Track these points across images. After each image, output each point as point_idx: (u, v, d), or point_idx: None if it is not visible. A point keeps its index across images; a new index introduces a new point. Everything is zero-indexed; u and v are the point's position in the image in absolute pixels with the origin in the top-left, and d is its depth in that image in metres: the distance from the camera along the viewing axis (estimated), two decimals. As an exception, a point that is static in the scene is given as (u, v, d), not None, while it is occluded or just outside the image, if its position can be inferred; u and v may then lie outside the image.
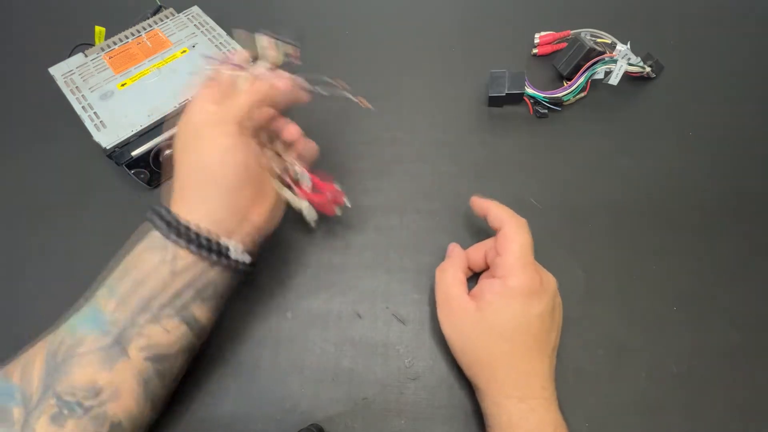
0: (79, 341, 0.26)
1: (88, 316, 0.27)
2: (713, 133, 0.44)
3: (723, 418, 0.32)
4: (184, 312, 0.28)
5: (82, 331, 0.27)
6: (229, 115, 0.28)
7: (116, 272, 0.28)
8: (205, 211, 0.28)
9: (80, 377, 0.26)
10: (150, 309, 0.27)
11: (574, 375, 0.33)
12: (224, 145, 0.28)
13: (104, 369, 0.26)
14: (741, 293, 0.36)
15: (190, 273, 0.28)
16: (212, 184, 0.28)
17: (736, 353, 0.34)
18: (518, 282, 0.30)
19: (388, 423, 0.33)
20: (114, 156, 0.39)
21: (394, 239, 0.40)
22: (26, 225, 0.42)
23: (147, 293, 0.27)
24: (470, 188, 0.42)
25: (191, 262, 0.27)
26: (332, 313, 0.37)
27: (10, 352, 0.32)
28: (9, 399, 0.25)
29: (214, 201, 0.28)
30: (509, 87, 0.44)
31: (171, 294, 0.27)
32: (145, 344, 0.27)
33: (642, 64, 0.46)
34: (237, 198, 0.28)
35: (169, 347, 0.28)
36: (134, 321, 0.27)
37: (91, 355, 0.26)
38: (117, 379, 0.26)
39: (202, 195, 0.28)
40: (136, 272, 0.28)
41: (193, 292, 0.28)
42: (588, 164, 0.43)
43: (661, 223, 0.39)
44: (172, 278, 0.27)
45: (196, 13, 0.49)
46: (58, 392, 0.25)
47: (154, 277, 0.27)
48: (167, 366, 0.28)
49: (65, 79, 0.44)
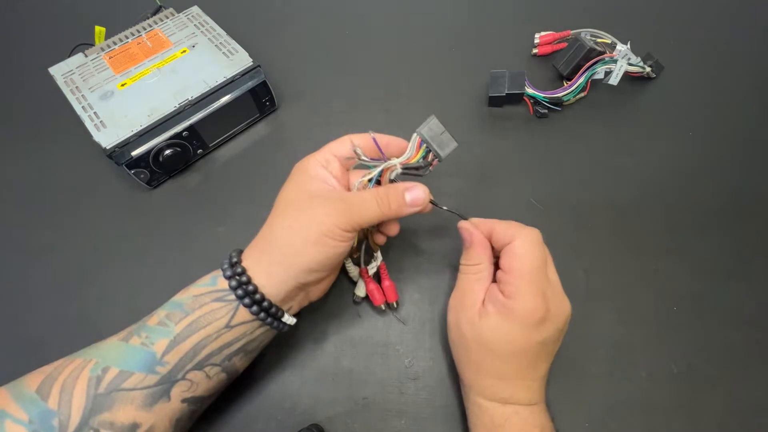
0: (126, 376, 0.26)
1: (140, 353, 0.27)
2: (713, 133, 0.44)
3: (723, 418, 0.32)
4: (226, 362, 0.28)
5: (130, 366, 0.26)
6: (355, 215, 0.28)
7: (173, 307, 0.28)
8: (276, 277, 0.28)
9: (121, 414, 0.25)
10: (198, 356, 0.27)
11: (574, 375, 0.33)
12: (326, 233, 0.27)
13: (145, 408, 0.26)
14: (741, 293, 0.36)
15: (243, 328, 0.28)
16: (296, 258, 0.28)
17: (736, 353, 0.34)
18: (521, 307, 0.27)
19: (388, 423, 0.33)
20: (114, 156, 0.39)
21: (394, 239, 0.40)
22: (26, 225, 0.42)
23: (200, 339, 0.27)
24: (470, 188, 0.42)
25: (247, 320, 0.28)
26: (332, 313, 0.37)
27: (10, 352, 0.32)
28: (47, 426, 0.24)
29: (289, 273, 0.28)
30: (509, 87, 0.44)
31: (221, 344, 0.28)
32: (186, 388, 0.27)
33: (642, 64, 0.46)
34: (308, 278, 0.29)
35: (207, 392, 0.28)
36: (182, 366, 0.27)
37: (136, 392, 0.26)
38: (154, 419, 0.26)
39: (281, 261, 0.28)
40: (195, 315, 0.27)
41: (240, 346, 0.29)
42: (588, 164, 0.43)
43: (661, 223, 0.39)
44: (227, 330, 0.28)
45: (196, 13, 0.49)
46: (96, 426, 0.25)
47: (213, 325, 0.27)
48: (200, 407, 0.29)
49: (65, 79, 0.44)
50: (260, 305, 0.27)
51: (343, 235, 0.28)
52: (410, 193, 0.29)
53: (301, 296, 0.31)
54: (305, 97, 0.49)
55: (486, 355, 0.29)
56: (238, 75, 0.43)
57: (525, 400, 0.29)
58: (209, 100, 0.42)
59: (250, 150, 0.46)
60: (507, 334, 0.28)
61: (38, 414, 0.25)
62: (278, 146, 0.46)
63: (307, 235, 0.27)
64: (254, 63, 0.44)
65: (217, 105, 0.42)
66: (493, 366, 0.29)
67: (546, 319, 0.28)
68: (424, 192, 0.30)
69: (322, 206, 0.28)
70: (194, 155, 0.44)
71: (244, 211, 0.42)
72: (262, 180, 0.43)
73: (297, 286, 0.28)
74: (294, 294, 0.29)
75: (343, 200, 0.28)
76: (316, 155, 0.31)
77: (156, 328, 0.27)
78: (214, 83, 0.42)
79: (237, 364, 0.29)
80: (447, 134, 0.30)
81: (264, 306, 0.28)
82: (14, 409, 0.25)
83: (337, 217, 0.27)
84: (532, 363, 0.29)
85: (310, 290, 0.31)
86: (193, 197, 0.43)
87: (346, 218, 0.27)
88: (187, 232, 0.41)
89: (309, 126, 0.47)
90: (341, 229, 0.27)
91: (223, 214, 0.42)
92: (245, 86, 0.43)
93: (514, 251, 0.29)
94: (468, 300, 0.30)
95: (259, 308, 0.27)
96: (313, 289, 0.31)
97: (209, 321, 0.27)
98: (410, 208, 0.29)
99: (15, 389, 0.26)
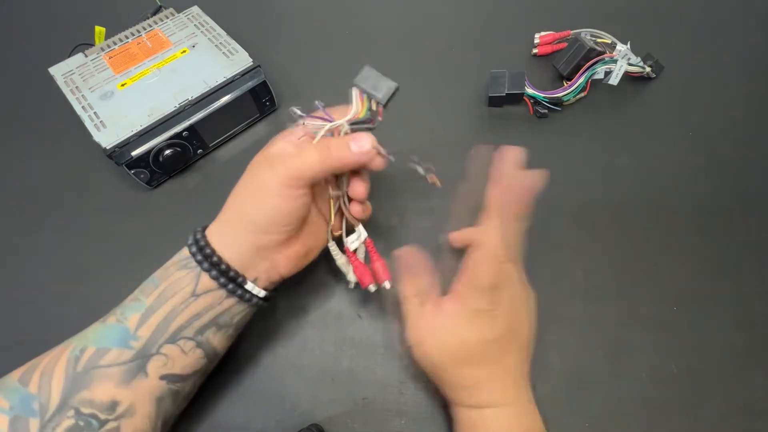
0: (102, 353, 0.26)
1: (114, 329, 0.27)
2: (713, 133, 0.44)
3: (723, 418, 0.32)
4: (200, 337, 0.28)
5: (106, 343, 0.27)
6: (292, 167, 0.28)
7: (146, 283, 0.29)
8: (232, 243, 0.29)
9: (99, 391, 0.26)
10: (170, 328, 0.27)
11: (574, 375, 0.33)
12: (271, 190, 0.28)
13: (123, 384, 0.26)
14: (741, 293, 0.36)
15: (210, 298, 0.28)
16: (246, 220, 0.29)
17: (737, 353, 0.34)
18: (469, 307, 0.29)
19: (388, 423, 0.33)
20: (114, 156, 0.39)
21: (394, 239, 0.40)
22: (26, 225, 0.42)
23: (169, 309, 0.28)
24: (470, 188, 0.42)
25: (212, 288, 0.28)
26: (332, 313, 0.37)
27: (9, 353, 0.32)
28: (27, 410, 0.25)
29: (243, 236, 0.29)
30: (509, 87, 0.44)
31: (190, 315, 0.28)
32: (162, 363, 0.27)
33: (642, 64, 0.46)
34: (262, 240, 0.29)
35: (184, 369, 0.28)
36: (155, 339, 0.27)
37: (113, 368, 0.26)
38: (133, 396, 0.26)
39: (236, 228, 0.29)
40: (163, 286, 0.28)
41: (210, 317, 0.29)
42: (588, 164, 0.43)
43: (661, 223, 0.39)
44: (194, 299, 0.28)
45: (196, 13, 0.49)
46: (76, 405, 0.25)
47: (179, 294, 0.28)
48: (180, 387, 0.29)
49: (65, 79, 0.44)
50: (219, 269, 0.28)
51: (286, 191, 0.28)
52: (353, 137, 0.29)
53: (267, 266, 0.30)
54: (305, 97, 0.49)
55: (455, 369, 0.29)
56: (238, 75, 0.43)
57: (501, 401, 0.29)
58: (209, 100, 0.42)
59: (250, 150, 0.46)
60: (464, 337, 0.29)
61: (19, 400, 0.25)
62: (278, 146, 0.46)
63: (254, 196, 0.29)
64: (254, 63, 0.44)
65: (217, 105, 0.42)
66: (464, 375, 0.29)
67: (495, 315, 0.29)
68: (368, 137, 0.29)
69: (265, 167, 0.29)
70: (194, 155, 0.44)
71: (244, 211, 0.41)
72: (262, 180, 0.43)
73: (254, 249, 0.29)
74: (255, 261, 0.29)
75: (282, 158, 0.29)
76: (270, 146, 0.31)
77: (130, 304, 0.28)
78: (214, 83, 0.42)
79: (212, 341, 0.29)
80: (383, 78, 0.30)
81: (222, 269, 0.28)
82: None
83: (276, 173, 0.28)
84: (498, 360, 0.29)
85: (275, 259, 0.30)
86: (193, 197, 0.43)
87: (285, 171, 0.28)
88: (187, 232, 0.41)
89: (309, 126, 0.47)
90: (282, 183, 0.28)
91: (223, 214, 0.42)
92: (245, 86, 0.43)
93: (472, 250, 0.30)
94: (424, 330, 0.30)
95: (218, 272, 0.28)
96: (277, 257, 0.30)
97: (176, 290, 0.28)
98: (355, 156, 0.29)
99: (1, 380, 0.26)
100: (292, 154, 0.29)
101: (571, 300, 0.36)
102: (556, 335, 0.35)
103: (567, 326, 0.33)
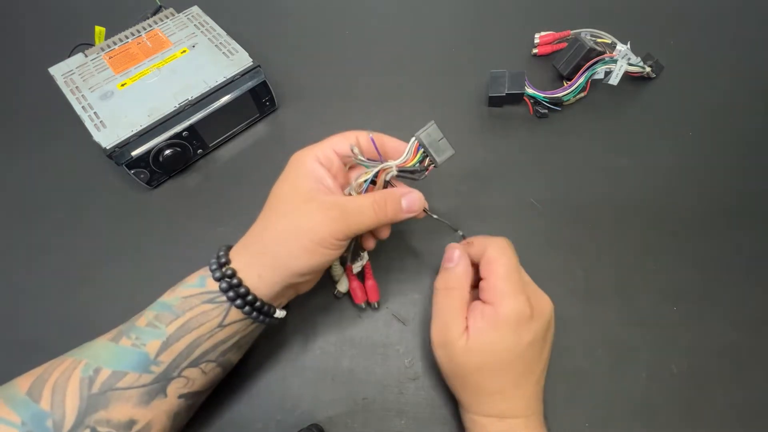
0: (119, 376, 0.26)
1: (131, 353, 0.26)
2: (713, 133, 0.44)
3: (723, 418, 0.32)
4: (221, 358, 0.29)
5: (122, 366, 0.26)
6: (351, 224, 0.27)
7: (160, 307, 0.28)
8: (267, 279, 0.28)
9: (118, 412, 0.25)
10: (193, 354, 0.27)
11: (574, 375, 0.34)
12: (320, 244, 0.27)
13: (141, 405, 0.26)
14: (740, 293, 0.36)
15: (236, 327, 0.28)
16: (288, 263, 0.28)
17: (736, 353, 0.34)
18: (508, 310, 0.28)
19: (388, 423, 0.33)
20: (114, 156, 0.39)
21: (395, 239, 0.40)
22: (26, 225, 0.42)
23: (194, 338, 0.27)
24: (470, 188, 0.42)
25: (240, 318, 0.28)
26: (332, 313, 0.37)
27: (9, 352, 0.32)
28: (41, 428, 0.24)
29: (280, 276, 0.28)
30: (509, 87, 0.44)
31: (215, 343, 0.28)
32: (183, 384, 0.27)
33: (642, 64, 0.46)
34: (299, 281, 0.29)
35: (203, 386, 0.29)
36: (177, 364, 0.27)
37: (131, 391, 0.26)
38: (151, 415, 0.26)
39: (273, 264, 0.28)
40: (187, 316, 0.27)
41: (234, 342, 0.29)
42: (588, 164, 0.43)
43: (661, 223, 0.39)
44: (220, 330, 0.28)
45: (196, 13, 0.49)
46: (92, 424, 0.25)
47: (205, 326, 0.27)
48: (197, 401, 0.29)
49: (65, 79, 0.44)
50: (252, 305, 0.28)
51: (336, 244, 0.28)
52: (406, 199, 0.29)
53: (290, 293, 0.31)
54: (305, 97, 0.49)
55: (484, 376, 0.28)
56: (238, 75, 0.43)
57: (522, 412, 0.28)
58: (209, 100, 0.42)
59: (250, 150, 0.46)
60: (500, 343, 0.28)
61: (31, 416, 0.24)
62: (278, 146, 0.46)
63: (301, 243, 0.27)
64: (254, 63, 0.44)
65: (217, 105, 0.42)
66: (492, 383, 0.28)
67: (531, 317, 0.28)
68: (419, 198, 0.30)
69: (317, 212, 0.27)
70: (194, 155, 0.44)
71: (244, 211, 0.41)
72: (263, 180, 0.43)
73: (287, 286, 0.29)
74: (284, 292, 0.30)
75: (339, 207, 0.27)
76: (315, 149, 0.30)
77: (146, 330, 0.27)
78: (214, 83, 0.42)
79: (231, 359, 0.30)
80: (445, 141, 0.30)
81: (256, 306, 0.28)
82: (6, 412, 0.24)
83: (332, 226, 0.27)
84: (528, 367, 0.29)
85: (298, 287, 0.31)
86: (193, 197, 0.43)
87: (342, 226, 0.27)
88: (187, 232, 0.41)
89: (309, 126, 0.47)
90: (335, 238, 0.27)
91: (223, 214, 0.42)
92: (245, 86, 0.43)
93: (489, 258, 0.30)
94: (454, 332, 0.29)
95: (251, 308, 0.28)
96: (300, 287, 0.32)
97: (201, 322, 0.27)
98: (405, 214, 0.29)
99: (5, 393, 0.26)
100: (347, 206, 0.27)
101: (571, 300, 0.36)
102: (556, 335, 0.34)
103: (567, 326, 0.33)
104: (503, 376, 0.28)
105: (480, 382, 0.29)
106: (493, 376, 0.28)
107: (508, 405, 0.28)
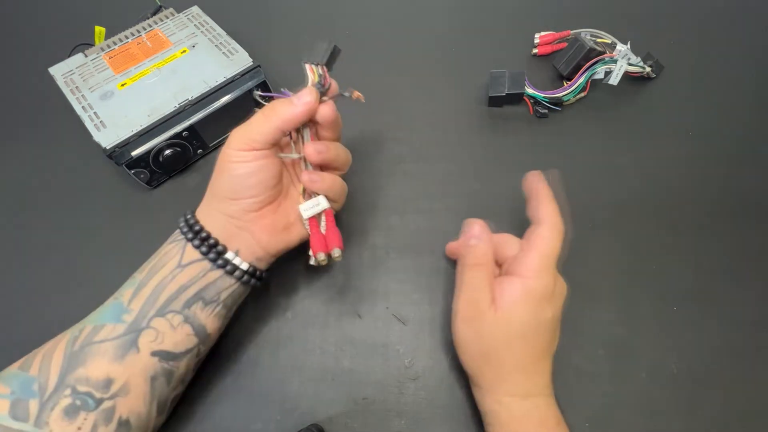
0: (98, 330, 0.27)
1: (110, 306, 0.29)
2: (713, 133, 0.44)
3: (723, 418, 0.32)
4: (187, 311, 0.29)
5: (102, 320, 0.28)
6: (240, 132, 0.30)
7: (144, 264, 0.31)
8: (210, 216, 0.31)
9: (94, 368, 0.26)
10: (158, 300, 0.28)
11: (574, 375, 0.34)
12: (227, 158, 0.30)
13: (116, 360, 0.27)
14: (741, 293, 0.36)
15: (195, 268, 0.29)
16: (215, 193, 0.31)
17: (737, 353, 0.34)
18: (539, 284, 0.29)
19: (388, 423, 0.33)
20: (114, 156, 0.39)
21: (394, 239, 0.40)
22: (26, 225, 0.42)
23: (158, 281, 0.29)
24: (470, 188, 0.42)
25: (196, 258, 0.29)
26: (332, 313, 0.37)
27: (9, 352, 0.32)
28: (27, 392, 0.25)
29: (216, 209, 0.31)
30: (509, 87, 0.44)
31: (177, 286, 0.29)
32: (152, 338, 0.28)
33: (642, 64, 0.46)
34: (231, 207, 0.30)
35: (176, 346, 0.29)
36: (145, 312, 0.28)
37: (106, 344, 0.27)
38: (127, 373, 0.27)
39: (211, 203, 0.31)
40: (154, 260, 0.30)
41: (196, 290, 0.29)
42: (588, 164, 0.43)
43: (661, 223, 0.39)
44: (180, 270, 0.29)
45: (196, 13, 0.49)
46: (72, 383, 0.26)
47: (167, 266, 0.29)
48: (173, 366, 0.29)
49: (65, 79, 0.44)
50: (200, 237, 0.29)
51: (242, 155, 0.29)
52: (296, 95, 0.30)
53: (246, 237, 0.31)
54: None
55: (509, 346, 0.29)
56: (238, 75, 0.43)
57: (544, 390, 0.29)
58: (209, 100, 0.42)
59: (250, 150, 0.46)
60: (527, 312, 0.29)
61: (19, 384, 0.26)
62: (278, 146, 0.46)
63: (217, 169, 0.31)
64: (254, 63, 0.44)
65: (217, 105, 0.42)
66: (515, 354, 0.29)
67: (554, 296, 0.29)
68: (308, 90, 0.30)
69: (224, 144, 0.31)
70: (194, 155, 0.44)
71: (244, 211, 0.41)
72: (262, 180, 0.43)
73: (227, 219, 0.30)
74: (233, 231, 0.30)
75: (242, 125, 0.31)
76: None
77: (126, 283, 0.30)
78: (214, 83, 0.42)
79: (200, 317, 0.29)
80: (319, 42, 0.32)
81: (203, 237, 0.29)
82: None
83: (229, 143, 0.30)
84: (548, 343, 0.30)
85: (253, 230, 0.31)
86: (193, 197, 0.43)
87: (235, 138, 0.30)
88: (187, 232, 0.41)
89: (309, 126, 0.47)
90: (236, 149, 0.29)
91: (223, 214, 0.42)
92: (245, 86, 0.43)
93: (541, 234, 0.30)
94: (483, 304, 0.29)
95: (200, 241, 0.29)
96: (254, 229, 0.31)
97: (164, 262, 0.29)
98: (297, 108, 0.29)
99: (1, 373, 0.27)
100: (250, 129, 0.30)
101: (571, 300, 0.36)
102: (556, 335, 0.35)
103: (567, 326, 0.33)
104: (526, 349, 0.29)
105: (504, 357, 0.29)
106: (517, 348, 0.29)
107: (531, 383, 0.29)
